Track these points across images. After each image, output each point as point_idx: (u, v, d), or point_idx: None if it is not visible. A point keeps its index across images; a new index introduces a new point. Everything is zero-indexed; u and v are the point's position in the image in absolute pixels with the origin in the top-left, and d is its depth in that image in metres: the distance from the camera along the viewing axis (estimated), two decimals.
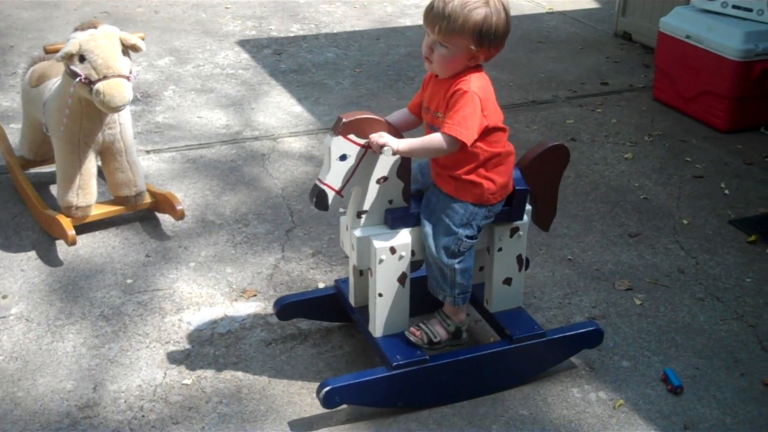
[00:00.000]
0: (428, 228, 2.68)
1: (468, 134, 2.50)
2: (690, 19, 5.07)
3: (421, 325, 2.83)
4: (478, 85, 2.54)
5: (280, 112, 4.99)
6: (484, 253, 2.90)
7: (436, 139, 2.54)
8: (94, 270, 3.43)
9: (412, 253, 2.73)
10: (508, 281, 2.90)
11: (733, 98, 4.87)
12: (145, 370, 2.90)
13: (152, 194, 3.74)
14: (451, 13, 2.47)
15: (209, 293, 3.33)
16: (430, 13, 2.53)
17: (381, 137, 2.52)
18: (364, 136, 2.54)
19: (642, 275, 3.57)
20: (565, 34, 6.63)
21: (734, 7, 4.96)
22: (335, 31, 6.41)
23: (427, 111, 2.67)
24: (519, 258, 2.89)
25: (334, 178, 2.56)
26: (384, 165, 2.62)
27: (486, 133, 2.58)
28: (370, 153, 2.57)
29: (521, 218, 2.82)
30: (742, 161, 4.61)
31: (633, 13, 6.38)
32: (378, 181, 2.63)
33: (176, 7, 6.73)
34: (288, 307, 3.03)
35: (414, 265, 2.78)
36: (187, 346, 3.02)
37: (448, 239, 2.66)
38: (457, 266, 2.69)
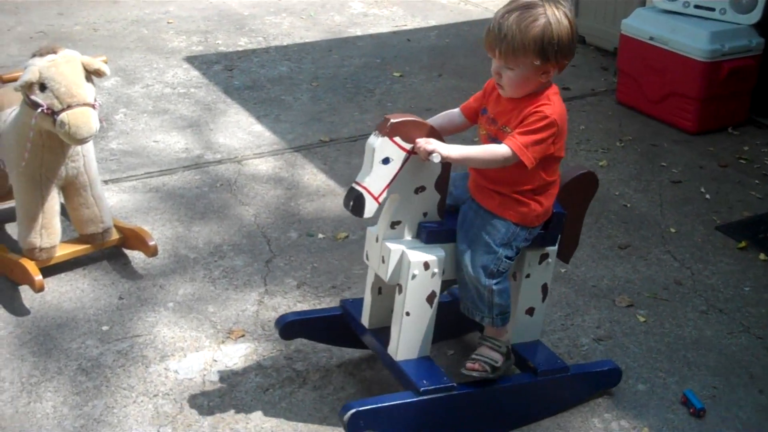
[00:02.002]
0: (465, 245, 2.52)
1: (532, 158, 2.38)
2: (652, 21, 5.01)
3: (475, 356, 2.63)
4: (559, 111, 2.43)
5: (240, 131, 4.75)
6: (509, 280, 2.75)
7: (497, 151, 2.40)
8: (65, 317, 3.16)
9: (443, 271, 2.57)
10: (530, 311, 2.75)
11: (702, 99, 4.82)
12: (136, 429, 2.65)
13: (120, 230, 3.48)
14: (508, 32, 2.34)
15: (194, 336, 3.09)
16: (488, 38, 2.40)
17: (429, 143, 2.37)
18: (410, 140, 2.39)
19: (640, 289, 3.46)
20: None
21: (696, 6, 4.91)
22: (285, 44, 6.18)
23: (493, 123, 2.51)
24: (544, 287, 2.74)
25: (374, 181, 2.39)
26: (424, 174, 2.47)
27: (547, 160, 2.46)
28: (412, 159, 2.42)
29: (554, 243, 2.69)
30: (717, 164, 4.56)
31: (586, 16, 6.30)
32: (416, 191, 2.48)
33: (115, 24, 6.41)
34: (291, 325, 2.83)
35: (442, 285, 2.61)
36: (179, 398, 2.78)
37: (488, 258, 2.50)
38: (495, 287, 2.53)
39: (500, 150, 2.39)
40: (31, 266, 3.17)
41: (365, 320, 2.75)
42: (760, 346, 3.14)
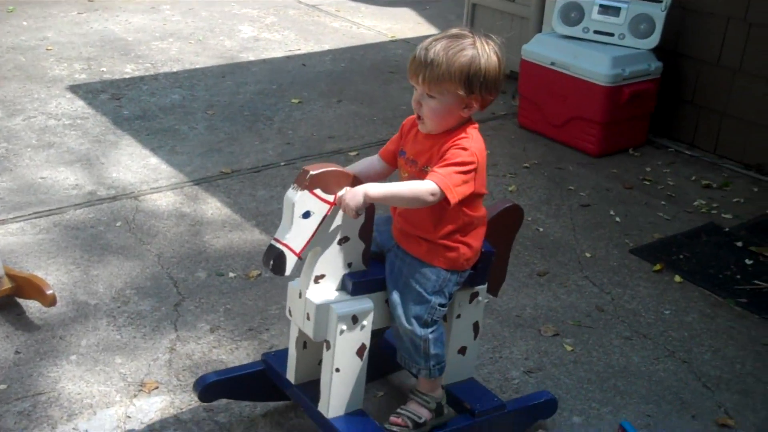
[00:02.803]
0: (396, 296, 2.39)
1: (456, 194, 2.25)
2: (553, 46, 5.02)
3: (399, 411, 2.51)
4: (478, 146, 2.32)
5: (134, 165, 4.49)
6: None
7: (422, 186, 2.24)
8: None
9: (372, 323, 2.43)
10: (462, 350, 2.64)
11: (604, 123, 4.85)
12: None
13: (12, 278, 3.19)
14: (434, 58, 2.23)
15: (102, 391, 2.83)
16: (412, 65, 2.29)
17: (354, 197, 2.22)
18: (331, 191, 2.25)
19: (563, 317, 3.40)
20: None
21: (596, 32, 4.95)
22: (175, 70, 5.93)
23: (413, 164, 2.39)
24: (475, 325, 2.64)
25: (295, 237, 2.23)
26: (347, 224, 2.33)
27: (470, 197, 2.33)
28: (334, 210, 2.28)
29: (484, 282, 2.58)
30: (622, 186, 4.59)
31: None
32: (339, 242, 2.33)
33: None
34: (211, 387, 2.63)
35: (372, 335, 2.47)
36: None
37: (421, 308, 2.38)
38: (430, 336, 2.41)
39: (425, 185, 2.25)
40: None
41: (291, 375, 2.59)
42: (686, 370, 3.13)
